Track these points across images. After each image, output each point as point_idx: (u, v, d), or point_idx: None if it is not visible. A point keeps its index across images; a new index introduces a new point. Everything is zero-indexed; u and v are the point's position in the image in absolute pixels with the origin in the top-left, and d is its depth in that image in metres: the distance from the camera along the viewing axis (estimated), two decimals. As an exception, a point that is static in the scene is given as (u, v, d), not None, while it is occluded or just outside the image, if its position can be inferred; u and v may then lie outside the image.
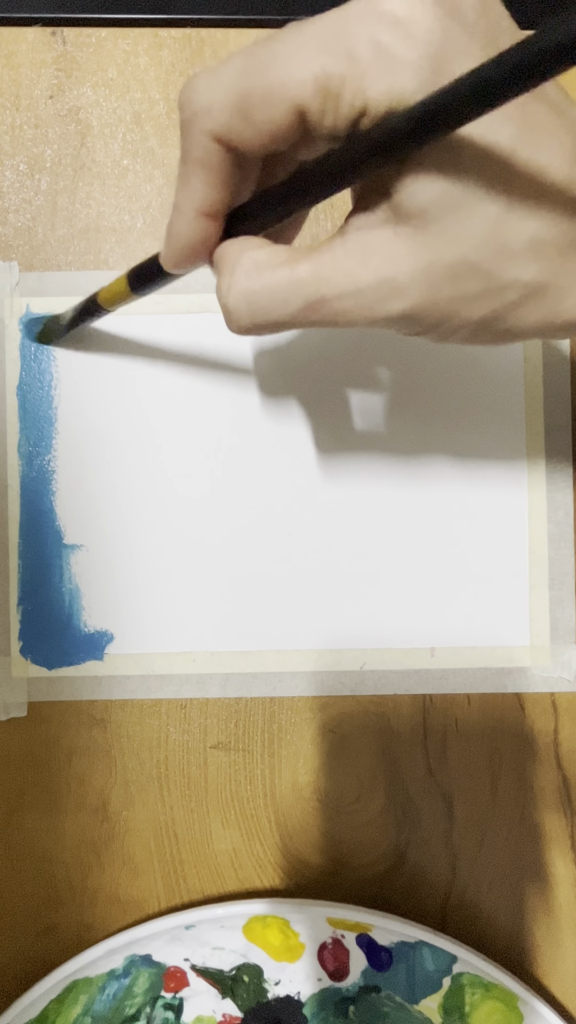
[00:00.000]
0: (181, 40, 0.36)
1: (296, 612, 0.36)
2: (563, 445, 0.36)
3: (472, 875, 0.36)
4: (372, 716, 0.36)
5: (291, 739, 0.36)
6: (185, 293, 0.36)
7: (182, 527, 0.36)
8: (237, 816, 0.36)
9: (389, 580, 0.36)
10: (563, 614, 0.36)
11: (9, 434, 0.36)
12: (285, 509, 0.36)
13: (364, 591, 0.36)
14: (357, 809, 0.36)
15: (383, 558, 0.36)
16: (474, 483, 0.36)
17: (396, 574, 0.36)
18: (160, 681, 0.36)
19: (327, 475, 0.36)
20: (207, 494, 0.36)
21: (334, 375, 0.36)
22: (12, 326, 0.36)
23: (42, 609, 0.36)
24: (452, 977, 0.34)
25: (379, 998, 0.34)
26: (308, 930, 0.34)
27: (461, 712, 0.36)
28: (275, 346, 0.36)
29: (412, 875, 0.36)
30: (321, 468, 0.36)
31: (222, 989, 0.35)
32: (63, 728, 0.36)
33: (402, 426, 0.36)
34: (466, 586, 0.36)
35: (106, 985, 0.34)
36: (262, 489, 0.36)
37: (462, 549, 0.36)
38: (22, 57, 0.36)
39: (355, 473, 0.36)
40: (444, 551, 0.36)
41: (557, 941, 0.36)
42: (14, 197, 0.36)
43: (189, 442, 0.36)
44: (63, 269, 0.36)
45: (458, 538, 0.36)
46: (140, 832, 0.36)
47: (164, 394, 0.36)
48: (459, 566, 0.36)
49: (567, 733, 0.36)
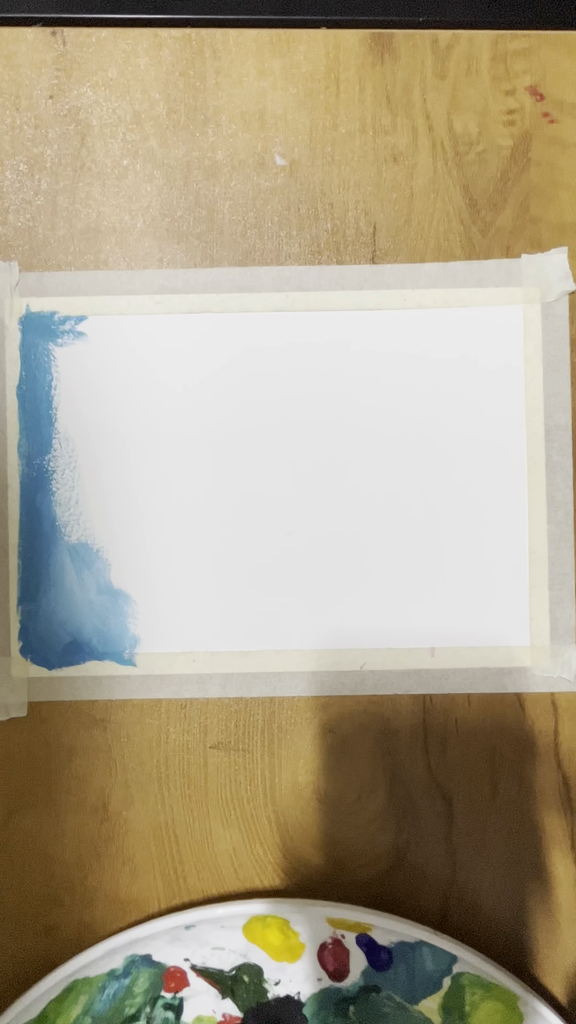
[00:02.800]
0: (181, 40, 0.36)
1: (296, 612, 0.36)
2: (563, 445, 0.36)
3: (472, 875, 0.36)
4: (372, 716, 0.36)
5: (291, 739, 0.36)
6: (185, 293, 0.36)
7: (182, 527, 0.36)
8: (237, 816, 0.36)
9: (389, 580, 0.36)
10: (563, 614, 0.36)
11: (9, 434, 0.36)
12: (285, 509, 0.36)
13: (364, 591, 0.36)
14: (357, 809, 0.36)
15: (383, 558, 0.36)
16: (474, 483, 0.36)
17: (396, 574, 0.36)
18: (160, 681, 0.36)
19: (327, 476, 0.36)
20: (207, 494, 0.36)
21: (333, 376, 0.36)
22: (12, 326, 0.36)
23: (42, 609, 0.36)
24: (452, 977, 0.34)
25: (379, 998, 0.34)
26: (308, 930, 0.34)
27: (461, 712, 0.36)
28: (275, 346, 0.36)
29: (412, 875, 0.36)
30: (321, 469, 0.36)
31: (222, 989, 0.35)
32: (63, 728, 0.36)
33: (402, 427, 0.36)
34: (466, 586, 0.36)
35: (106, 985, 0.34)
36: (262, 489, 0.36)
37: (462, 549, 0.36)
38: (22, 57, 0.36)
39: (355, 473, 0.36)
40: (444, 551, 0.36)
41: (557, 941, 0.36)
42: (14, 197, 0.36)
43: (188, 442, 0.36)
44: (63, 269, 0.36)
45: (458, 538, 0.36)
46: (140, 832, 0.36)
47: (163, 394, 0.36)
48: (459, 566, 0.36)
49: (567, 733, 0.36)
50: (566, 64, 0.37)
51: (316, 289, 0.36)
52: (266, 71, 0.36)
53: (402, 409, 0.36)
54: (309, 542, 0.36)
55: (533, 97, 0.37)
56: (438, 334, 0.36)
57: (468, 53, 0.37)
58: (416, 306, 0.36)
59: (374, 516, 0.36)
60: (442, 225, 0.36)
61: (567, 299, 0.36)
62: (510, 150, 0.37)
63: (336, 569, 0.36)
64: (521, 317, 0.36)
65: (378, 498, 0.36)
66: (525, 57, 0.37)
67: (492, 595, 0.36)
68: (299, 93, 0.36)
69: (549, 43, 0.37)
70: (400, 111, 0.36)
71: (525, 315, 0.36)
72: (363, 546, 0.36)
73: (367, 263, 0.36)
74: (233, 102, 0.36)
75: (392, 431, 0.36)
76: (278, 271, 0.36)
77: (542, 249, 0.36)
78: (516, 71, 0.37)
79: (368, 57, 0.36)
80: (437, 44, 0.36)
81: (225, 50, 0.36)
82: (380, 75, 0.36)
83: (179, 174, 0.36)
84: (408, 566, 0.36)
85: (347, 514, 0.36)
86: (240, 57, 0.36)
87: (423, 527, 0.36)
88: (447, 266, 0.36)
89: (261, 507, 0.36)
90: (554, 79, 0.37)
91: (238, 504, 0.36)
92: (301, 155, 0.36)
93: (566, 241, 0.37)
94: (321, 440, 0.36)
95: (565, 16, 0.37)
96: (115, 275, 0.36)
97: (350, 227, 0.36)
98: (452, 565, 0.36)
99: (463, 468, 0.36)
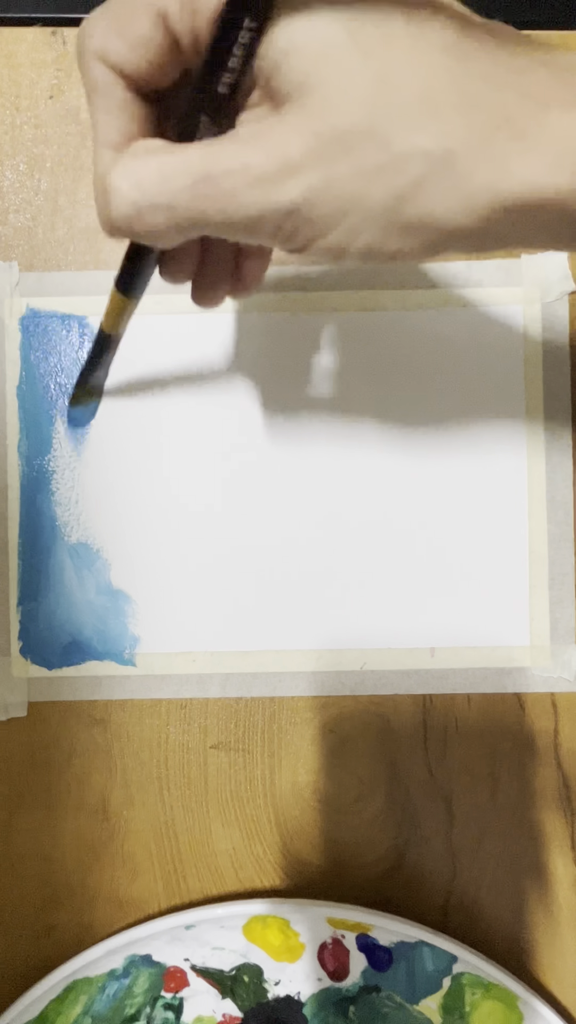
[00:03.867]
0: (181, 40, 0.36)
1: (296, 612, 0.36)
2: (563, 446, 0.36)
3: (472, 875, 0.36)
4: (372, 716, 0.36)
5: (291, 739, 0.36)
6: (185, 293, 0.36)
7: (182, 527, 0.36)
8: (237, 816, 0.36)
9: (389, 580, 0.36)
10: (563, 614, 0.36)
11: (9, 434, 0.36)
12: (285, 509, 0.36)
13: (364, 591, 0.36)
14: (357, 809, 0.36)
15: (383, 558, 0.36)
16: (474, 483, 0.36)
17: (396, 574, 0.36)
18: (160, 681, 0.36)
19: (327, 475, 0.36)
20: (207, 494, 0.36)
21: (333, 376, 0.36)
22: (12, 326, 0.36)
23: (42, 609, 0.36)
24: (452, 977, 0.34)
25: (379, 998, 0.34)
26: (308, 930, 0.34)
27: (461, 712, 0.36)
28: (274, 346, 0.36)
29: (412, 875, 0.36)
30: (321, 468, 0.36)
31: (222, 989, 0.35)
32: (63, 728, 0.36)
33: (403, 426, 0.36)
34: (466, 586, 0.36)
35: (106, 985, 0.34)
36: (262, 489, 0.36)
37: (462, 549, 0.36)
38: (22, 57, 0.36)
39: (355, 474, 0.36)
40: (444, 551, 0.36)
41: (557, 941, 0.36)
42: (14, 197, 0.36)
43: (188, 442, 0.36)
44: (63, 269, 0.36)
45: (458, 538, 0.36)
46: (140, 832, 0.36)
47: (163, 394, 0.36)
48: (459, 566, 0.36)
49: (567, 733, 0.36)
50: (566, 64, 0.37)
51: (316, 289, 0.36)
52: (266, 71, 0.36)
53: (402, 409, 0.36)
54: (309, 542, 0.36)
55: (533, 97, 0.37)
56: (438, 334, 0.36)
57: (468, 53, 0.36)
58: (416, 306, 0.36)
59: (374, 516, 0.36)
60: (442, 225, 0.36)
61: (567, 299, 0.36)
62: (510, 150, 0.36)
63: (336, 569, 0.36)
64: (521, 317, 0.36)
65: (378, 498, 0.36)
66: (525, 57, 0.37)
67: (492, 595, 0.36)
68: (299, 93, 0.36)
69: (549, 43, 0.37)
70: (400, 111, 0.36)
71: (525, 315, 0.36)
72: (363, 546, 0.36)
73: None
74: (233, 102, 0.36)
75: (391, 431, 0.36)
76: (278, 271, 0.36)
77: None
78: (516, 71, 0.37)
79: (368, 57, 0.36)
80: (437, 44, 0.36)
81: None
82: (380, 75, 0.36)
83: (179, 174, 0.36)
84: (408, 566, 0.36)
85: (347, 513, 0.36)
86: (240, 57, 0.36)
87: (423, 527, 0.36)
88: (447, 266, 0.36)
89: (261, 507, 0.36)
90: (554, 79, 0.37)
91: (238, 504, 0.36)
92: (301, 155, 0.36)
93: (566, 241, 0.36)
94: (321, 439, 0.36)
95: (565, 16, 0.37)
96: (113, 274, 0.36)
97: (350, 227, 0.36)
98: (452, 565, 0.36)
99: (463, 468, 0.36)
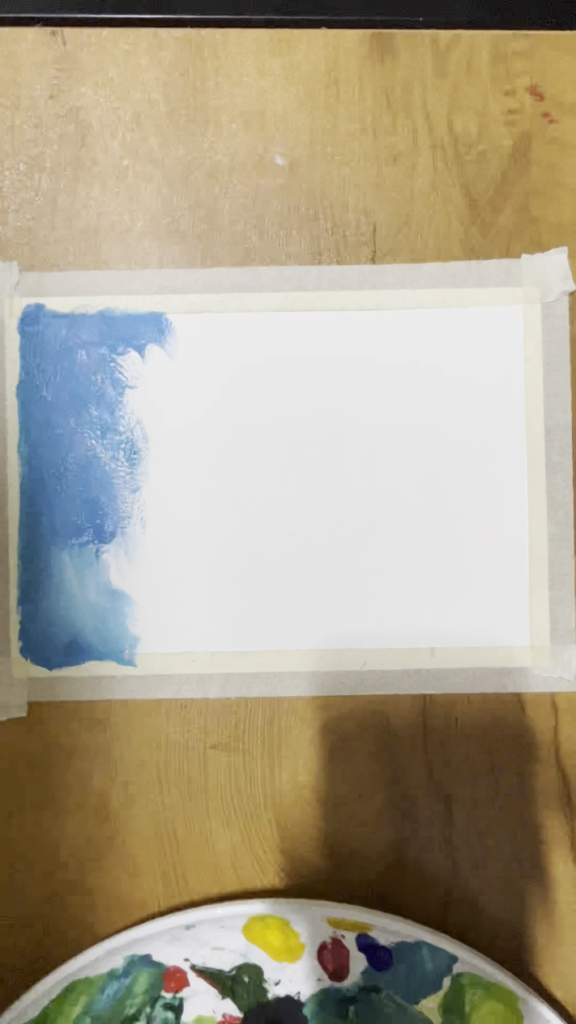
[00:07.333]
0: (181, 40, 0.36)
1: (296, 612, 0.36)
2: (563, 445, 0.36)
3: (472, 875, 0.36)
4: (372, 716, 0.36)
5: (291, 739, 0.36)
6: (185, 293, 0.36)
7: (182, 526, 0.36)
8: (237, 816, 0.36)
9: (389, 580, 0.36)
10: (563, 614, 0.36)
11: (9, 434, 0.36)
12: (285, 509, 0.36)
13: (364, 591, 0.36)
14: (357, 809, 0.36)
15: (383, 558, 0.36)
16: (474, 483, 0.36)
17: (396, 574, 0.36)
18: (160, 681, 0.36)
19: (326, 475, 0.36)
20: (206, 494, 0.36)
21: (333, 376, 0.36)
22: (12, 326, 0.36)
23: (42, 609, 0.36)
24: (452, 977, 0.34)
25: (379, 998, 0.34)
26: (308, 930, 0.34)
27: (461, 712, 0.36)
28: (275, 345, 0.36)
29: (412, 875, 0.36)
30: (321, 467, 0.36)
31: (222, 989, 0.35)
32: (63, 728, 0.36)
33: (402, 426, 0.36)
34: (466, 586, 0.36)
35: (106, 985, 0.34)
36: (262, 488, 0.36)
37: (462, 549, 0.36)
38: (22, 57, 0.36)
39: (355, 472, 0.36)
40: (444, 551, 0.36)
41: (557, 941, 0.36)
42: (14, 197, 0.36)
43: (187, 442, 0.36)
44: (63, 269, 0.36)
45: (458, 538, 0.36)
46: (140, 832, 0.36)
47: (161, 394, 0.36)
48: (459, 566, 0.36)
49: (567, 733, 0.36)
50: (566, 64, 0.37)
51: (316, 289, 0.36)
52: (266, 71, 0.36)
53: (402, 408, 0.36)
54: (309, 542, 0.36)
55: (533, 97, 0.37)
56: (438, 334, 0.36)
57: (468, 53, 0.37)
58: (416, 306, 0.36)
59: (374, 515, 0.36)
60: (442, 225, 0.36)
61: (567, 299, 0.36)
62: (510, 150, 0.37)
63: (336, 569, 0.36)
64: (521, 317, 0.36)
65: (378, 497, 0.36)
66: (525, 57, 0.37)
67: (492, 595, 0.36)
68: (299, 93, 0.36)
69: (549, 43, 0.37)
70: (400, 111, 0.36)
71: (525, 315, 0.36)
72: (363, 545, 0.36)
73: (367, 263, 0.36)
74: (233, 102, 0.36)
75: (391, 431, 0.36)
76: (278, 271, 0.36)
77: (542, 249, 0.36)
78: (516, 71, 0.37)
79: (368, 57, 0.36)
80: (437, 44, 0.36)
81: (225, 50, 0.36)
82: (380, 75, 0.36)
83: (179, 174, 0.36)
84: (408, 566, 0.36)
85: (347, 513, 0.36)
86: (240, 57, 0.36)
87: (423, 526, 0.36)
88: (447, 266, 0.36)
89: (261, 506, 0.36)
90: (554, 79, 0.37)
91: (238, 504, 0.36)
92: (301, 155, 0.36)
93: (566, 241, 0.37)
94: (321, 439, 0.36)
95: (565, 16, 0.37)
96: (115, 275, 0.36)
97: (350, 227, 0.36)
98: (452, 565, 0.36)
99: (463, 468, 0.36)
